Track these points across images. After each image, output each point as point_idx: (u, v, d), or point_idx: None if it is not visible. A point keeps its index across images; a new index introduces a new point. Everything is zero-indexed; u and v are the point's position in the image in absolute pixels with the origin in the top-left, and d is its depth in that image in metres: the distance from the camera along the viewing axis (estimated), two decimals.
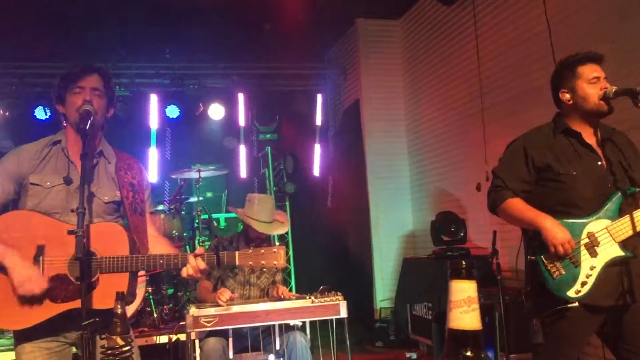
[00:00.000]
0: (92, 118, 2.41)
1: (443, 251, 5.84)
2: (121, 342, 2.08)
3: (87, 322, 2.10)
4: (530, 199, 2.78)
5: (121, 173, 2.58)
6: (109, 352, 2.08)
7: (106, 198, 2.51)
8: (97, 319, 2.13)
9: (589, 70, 2.74)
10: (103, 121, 2.57)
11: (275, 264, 2.41)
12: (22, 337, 2.39)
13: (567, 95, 2.78)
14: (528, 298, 2.82)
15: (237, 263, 2.40)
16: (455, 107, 6.53)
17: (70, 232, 2.13)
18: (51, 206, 2.43)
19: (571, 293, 2.60)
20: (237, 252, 2.42)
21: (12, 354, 4.44)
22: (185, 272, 2.42)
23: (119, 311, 2.11)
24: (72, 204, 2.42)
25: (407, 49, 7.63)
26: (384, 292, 7.35)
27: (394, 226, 7.50)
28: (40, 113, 7.41)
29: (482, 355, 1.38)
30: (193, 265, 2.41)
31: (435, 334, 5.05)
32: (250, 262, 2.39)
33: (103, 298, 2.27)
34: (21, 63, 7.45)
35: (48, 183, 2.44)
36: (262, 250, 2.39)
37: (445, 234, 5.91)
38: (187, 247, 6.15)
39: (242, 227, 4.97)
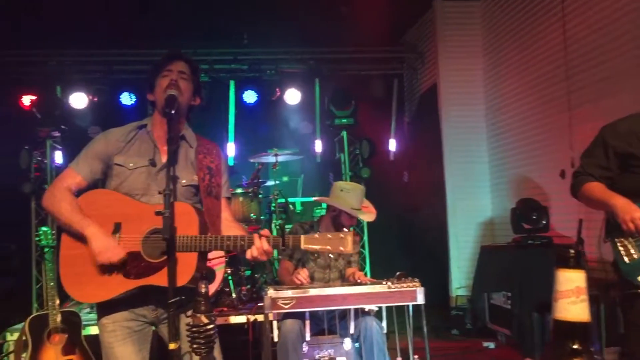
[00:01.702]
0: (177, 102, 2.47)
1: (524, 239, 5.67)
2: (206, 320, 2.15)
3: (173, 299, 2.17)
4: (614, 185, 2.81)
5: (200, 157, 2.63)
6: (194, 329, 2.16)
7: (184, 182, 2.56)
8: (183, 297, 2.18)
9: None
10: (188, 107, 2.64)
11: (341, 250, 2.34)
12: (102, 313, 2.50)
13: None
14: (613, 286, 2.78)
15: (302, 246, 2.36)
16: (538, 91, 6.27)
17: (157, 213, 2.19)
18: (132, 187, 2.51)
19: None
20: (302, 236, 2.37)
21: None
22: (249, 253, 2.41)
23: (203, 290, 2.18)
24: (151, 186, 2.51)
25: (487, 31, 7.39)
26: (460, 279, 7.23)
27: (471, 213, 7.34)
28: (126, 99, 7.67)
29: (590, 349, 1.31)
30: (258, 247, 2.39)
31: (537, 325, 4.92)
32: (316, 247, 2.34)
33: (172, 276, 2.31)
34: (108, 50, 7.76)
35: (131, 164, 2.53)
36: (329, 235, 2.34)
37: (526, 221, 5.73)
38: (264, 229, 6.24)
39: (319, 213, 5.02)
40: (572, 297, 1.34)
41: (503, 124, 7.07)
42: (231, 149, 7.90)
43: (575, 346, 1.33)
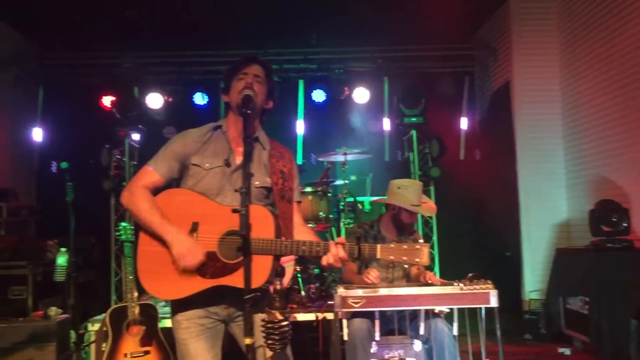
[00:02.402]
0: (253, 102, 2.52)
1: (603, 242, 5.45)
2: (280, 317, 2.18)
3: (248, 295, 2.21)
4: None
5: (273, 160, 2.67)
6: (269, 325, 2.19)
7: (257, 183, 2.60)
8: (258, 293, 2.21)
9: None
10: (261, 109, 2.68)
11: (417, 261, 2.35)
12: (177, 309, 2.57)
13: None
14: None
15: (377, 257, 2.36)
16: (620, 87, 5.99)
17: (234, 211, 2.22)
18: (207, 187, 2.57)
19: None
20: (378, 246, 2.38)
21: None
22: (325, 260, 2.43)
23: (278, 287, 2.21)
24: (225, 186, 2.57)
25: (564, 25, 7.13)
26: (533, 282, 7.02)
27: (546, 214, 7.10)
28: (199, 99, 7.88)
29: None
30: (334, 253, 2.41)
31: (635, 332, 4.72)
32: (392, 257, 2.34)
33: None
34: (182, 52, 7.99)
35: (207, 165, 2.59)
36: (405, 246, 2.34)
37: (605, 224, 5.50)
38: (333, 228, 6.27)
39: (384, 210, 4.97)
40: None
41: (581, 121, 6.79)
42: (300, 147, 7.98)
43: None
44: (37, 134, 7.83)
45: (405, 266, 4.31)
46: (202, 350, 2.55)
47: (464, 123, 8.16)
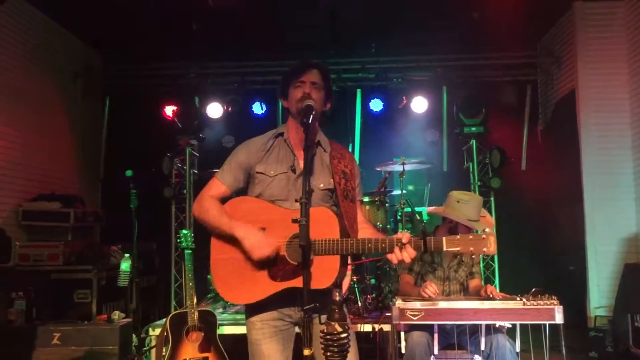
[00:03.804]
0: (313, 112, 2.55)
1: None
2: (339, 329, 2.15)
3: (308, 306, 2.21)
4: None
5: (335, 162, 2.70)
6: (328, 337, 2.17)
7: (322, 185, 2.65)
8: (317, 304, 2.22)
9: None
10: (320, 113, 2.71)
11: (484, 251, 2.27)
12: (251, 312, 2.63)
13: None
14: None
15: (444, 249, 2.30)
16: None
17: (294, 221, 2.25)
18: (273, 193, 2.63)
19: None
20: (444, 237, 2.34)
21: (233, 328, 4.91)
22: (394, 257, 2.42)
23: (337, 299, 2.19)
24: (292, 191, 2.62)
25: (633, 32, 6.84)
26: (599, 298, 6.73)
27: (613, 227, 6.79)
28: (257, 108, 7.98)
29: None
30: (402, 251, 2.40)
31: None
32: (458, 248, 2.29)
33: (316, 279, 2.35)
34: (243, 62, 8.12)
35: (272, 172, 2.65)
36: (471, 237, 2.27)
37: None
38: None
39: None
40: None
41: None
42: (357, 157, 7.95)
43: None
44: (104, 143, 8.11)
45: (462, 281, 4.21)
46: (274, 352, 2.60)
47: (525, 133, 7.94)
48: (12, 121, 6.37)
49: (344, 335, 2.15)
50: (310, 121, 2.49)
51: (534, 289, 3.64)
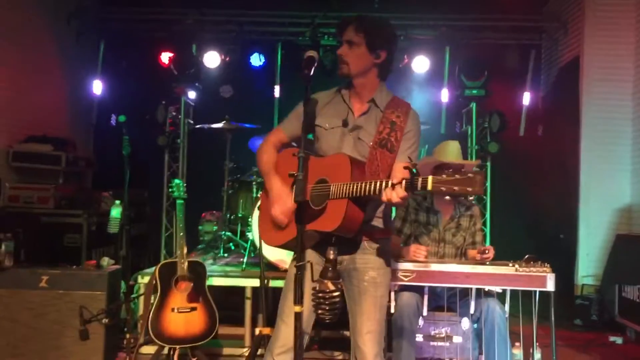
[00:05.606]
0: (315, 64, 2.49)
1: None
2: (332, 287, 2.13)
3: (300, 263, 2.17)
4: None
5: (387, 112, 2.69)
6: (320, 294, 2.14)
7: (371, 144, 2.65)
8: (309, 261, 2.19)
9: None
10: (371, 67, 2.68)
11: (469, 190, 2.18)
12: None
13: None
14: None
15: (429, 188, 2.24)
16: None
17: (290, 175, 2.25)
18: (329, 146, 2.70)
19: None
20: (430, 176, 2.23)
21: (223, 280, 4.91)
22: (384, 196, 2.32)
23: (331, 257, 2.16)
24: (344, 144, 2.66)
25: None
26: (587, 267, 6.77)
27: (607, 198, 6.79)
28: (255, 60, 7.80)
29: None
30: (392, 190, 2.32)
31: None
32: (443, 188, 2.20)
33: (328, 221, 2.45)
34: (242, 11, 7.88)
35: (327, 125, 2.71)
36: (457, 175, 2.18)
37: None
38: None
39: None
40: None
41: None
42: None
43: None
44: (97, 87, 7.94)
45: (459, 246, 4.17)
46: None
47: (526, 98, 7.83)
48: (3, 60, 6.21)
49: (336, 293, 2.13)
50: (311, 73, 2.45)
51: (527, 256, 3.63)
